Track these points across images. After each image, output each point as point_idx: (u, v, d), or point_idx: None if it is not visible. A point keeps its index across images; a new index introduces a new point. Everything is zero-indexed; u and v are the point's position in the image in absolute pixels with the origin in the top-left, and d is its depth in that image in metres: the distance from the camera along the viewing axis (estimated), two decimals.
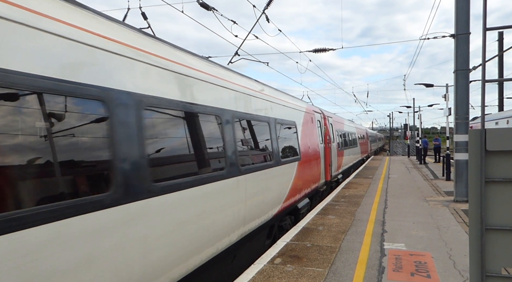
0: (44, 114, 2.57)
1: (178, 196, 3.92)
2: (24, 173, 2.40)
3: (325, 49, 13.46)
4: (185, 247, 4.04)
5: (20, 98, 2.42)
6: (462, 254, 5.69)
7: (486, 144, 2.40)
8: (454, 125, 10.54)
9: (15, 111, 2.39)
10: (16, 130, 2.38)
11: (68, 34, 2.84)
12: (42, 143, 2.53)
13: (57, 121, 2.66)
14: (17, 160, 2.37)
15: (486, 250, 2.42)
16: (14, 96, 2.38)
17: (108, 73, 3.17)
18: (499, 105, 26.84)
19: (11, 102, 2.36)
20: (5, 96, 2.34)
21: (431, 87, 20.27)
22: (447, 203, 10.16)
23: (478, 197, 2.43)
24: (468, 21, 9.92)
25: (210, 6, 8.86)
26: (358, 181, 15.67)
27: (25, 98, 2.46)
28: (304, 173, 9.39)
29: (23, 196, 2.38)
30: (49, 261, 2.50)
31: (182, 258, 3.98)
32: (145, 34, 4.06)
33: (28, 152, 2.43)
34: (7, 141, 2.32)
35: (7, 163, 2.31)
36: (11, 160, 2.34)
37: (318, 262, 5.45)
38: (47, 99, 2.59)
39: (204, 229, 4.43)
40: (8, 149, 2.32)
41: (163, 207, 3.68)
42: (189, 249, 4.12)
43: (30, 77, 2.48)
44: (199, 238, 4.31)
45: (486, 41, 2.61)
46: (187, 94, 4.37)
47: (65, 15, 2.90)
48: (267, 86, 8.13)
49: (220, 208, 4.83)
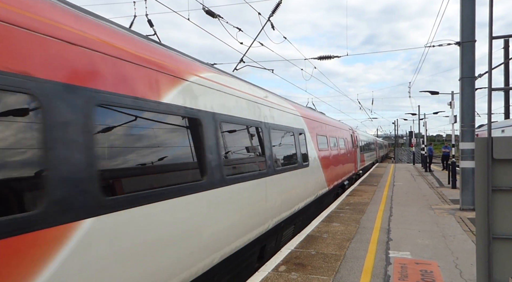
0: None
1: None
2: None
3: (330, 56, 13.50)
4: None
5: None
6: (469, 263, 5.63)
7: (493, 152, 2.39)
8: (460, 132, 10.49)
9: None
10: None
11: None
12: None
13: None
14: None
15: (493, 259, 2.40)
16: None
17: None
18: (505, 112, 26.68)
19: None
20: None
21: (437, 94, 20.22)
22: (453, 211, 10.07)
23: (485, 205, 2.41)
24: (474, 29, 9.91)
25: (215, 14, 8.93)
26: (363, 188, 15.58)
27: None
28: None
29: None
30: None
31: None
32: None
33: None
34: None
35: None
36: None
37: (323, 270, 5.41)
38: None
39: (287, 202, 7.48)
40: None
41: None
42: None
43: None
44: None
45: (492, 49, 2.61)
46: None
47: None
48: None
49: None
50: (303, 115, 9.81)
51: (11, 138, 2.30)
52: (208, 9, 8.77)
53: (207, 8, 8.76)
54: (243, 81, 6.47)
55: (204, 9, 8.74)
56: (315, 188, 10.07)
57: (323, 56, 13.57)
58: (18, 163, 2.33)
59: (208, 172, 4.41)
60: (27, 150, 2.39)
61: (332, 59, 13.48)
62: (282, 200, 7.05)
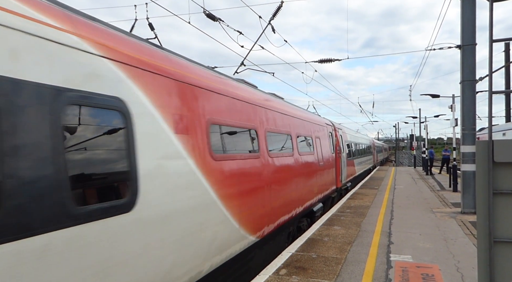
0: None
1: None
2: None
3: (331, 60, 13.51)
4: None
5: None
6: (470, 267, 5.61)
7: (494, 155, 2.39)
8: (461, 136, 10.48)
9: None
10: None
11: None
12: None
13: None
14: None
15: (495, 262, 2.39)
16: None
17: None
18: (506, 116, 26.68)
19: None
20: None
21: (437, 97, 20.22)
22: (454, 214, 10.04)
23: (486, 209, 2.41)
24: (474, 32, 9.93)
25: (216, 17, 8.96)
26: (364, 191, 15.56)
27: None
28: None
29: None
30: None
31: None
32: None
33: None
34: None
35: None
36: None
37: (323, 273, 5.39)
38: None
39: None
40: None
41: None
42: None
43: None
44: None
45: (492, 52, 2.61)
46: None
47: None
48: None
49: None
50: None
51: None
52: (209, 12, 8.80)
53: (208, 12, 8.79)
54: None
55: (205, 12, 8.77)
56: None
57: (324, 60, 13.58)
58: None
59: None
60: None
61: (333, 62, 13.49)
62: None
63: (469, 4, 9.88)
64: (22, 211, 2.42)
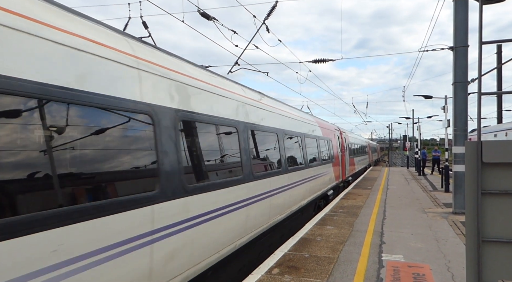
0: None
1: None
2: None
3: (325, 60, 13.56)
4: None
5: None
6: (461, 266, 5.66)
7: (483, 156, 2.42)
8: (453, 137, 10.57)
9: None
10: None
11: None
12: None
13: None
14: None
15: (483, 261, 2.42)
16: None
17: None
18: (497, 117, 26.96)
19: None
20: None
21: (430, 98, 20.37)
22: (445, 214, 10.13)
23: (475, 209, 2.44)
24: (467, 34, 10.02)
25: (210, 16, 8.95)
26: (357, 191, 15.63)
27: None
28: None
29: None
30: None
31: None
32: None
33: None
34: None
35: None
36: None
37: (316, 272, 5.42)
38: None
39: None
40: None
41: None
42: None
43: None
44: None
45: (483, 54, 2.64)
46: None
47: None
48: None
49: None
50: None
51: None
52: (203, 11, 8.79)
53: (202, 11, 8.78)
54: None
55: (199, 11, 8.75)
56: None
57: (318, 60, 13.62)
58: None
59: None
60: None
61: (326, 62, 13.54)
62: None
63: (461, 6, 9.97)
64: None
